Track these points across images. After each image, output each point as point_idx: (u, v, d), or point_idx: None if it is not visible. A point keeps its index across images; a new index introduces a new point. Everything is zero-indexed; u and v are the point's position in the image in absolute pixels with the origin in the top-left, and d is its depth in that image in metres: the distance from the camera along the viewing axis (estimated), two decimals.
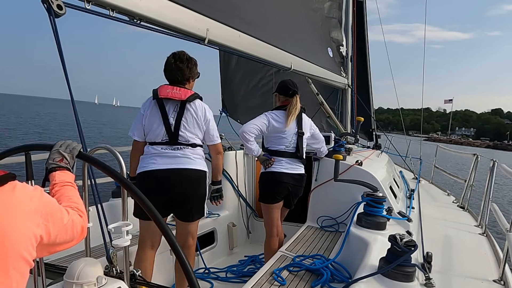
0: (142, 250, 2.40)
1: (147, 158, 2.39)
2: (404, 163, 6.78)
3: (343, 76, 5.45)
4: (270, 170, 3.07)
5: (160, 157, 2.36)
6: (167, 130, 2.37)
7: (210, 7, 2.54)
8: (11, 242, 0.79)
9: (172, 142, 2.38)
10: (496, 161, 3.61)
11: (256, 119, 3.08)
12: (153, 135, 2.39)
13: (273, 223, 3.12)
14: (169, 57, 2.45)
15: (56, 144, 1.33)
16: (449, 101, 62.17)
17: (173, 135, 2.37)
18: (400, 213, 3.04)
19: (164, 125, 2.37)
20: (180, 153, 2.38)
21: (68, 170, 1.27)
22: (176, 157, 2.37)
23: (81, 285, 1.27)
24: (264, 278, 2.26)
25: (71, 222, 1.00)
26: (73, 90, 1.53)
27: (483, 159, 4.71)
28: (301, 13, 4.29)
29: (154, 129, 2.39)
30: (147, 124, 2.41)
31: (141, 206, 1.20)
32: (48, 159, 1.28)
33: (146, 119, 2.41)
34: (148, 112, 2.41)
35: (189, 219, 2.48)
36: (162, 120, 2.37)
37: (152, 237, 2.39)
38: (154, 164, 2.35)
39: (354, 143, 4.94)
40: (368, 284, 1.79)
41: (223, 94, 6.24)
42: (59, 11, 1.52)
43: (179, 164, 2.37)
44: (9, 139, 20.66)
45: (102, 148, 1.78)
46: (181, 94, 2.37)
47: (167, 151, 2.37)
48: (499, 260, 2.63)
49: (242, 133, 3.02)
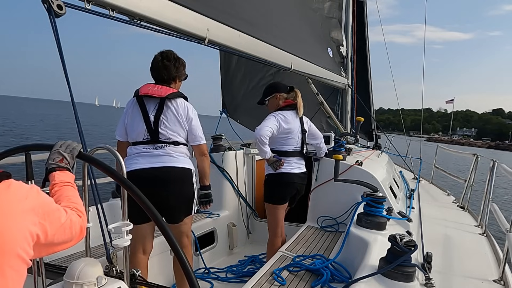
0: (133, 255, 2.32)
1: (129, 159, 2.33)
2: (404, 163, 6.78)
3: (343, 76, 5.46)
4: (280, 172, 3.06)
5: (141, 156, 2.31)
6: (147, 128, 2.32)
7: (210, 7, 2.54)
8: (6, 240, 0.79)
9: (153, 141, 2.33)
10: (496, 161, 3.61)
11: (268, 122, 3.03)
12: (135, 134, 2.35)
13: (278, 223, 3.14)
14: (156, 55, 2.40)
15: (56, 144, 1.33)
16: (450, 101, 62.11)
17: (153, 133, 2.33)
18: (400, 213, 3.04)
19: (145, 123, 2.32)
20: (162, 152, 2.32)
21: (68, 170, 1.27)
22: (158, 156, 2.31)
23: (81, 285, 1.27)
24: (264, 278, 2.26)
25: (70, 222, 0.99)
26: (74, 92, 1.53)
27: (483, 159, 4.71)
28: (301, 13, 4.30)
29: (135, 127, 2.35)
30: (129, 123, 2.37)
31: (142, 206, 1.20)
32: (48, 159, 1.28)
33: (128, 118, 2.38)
34: (130, 110, 2.37)
35: (176, 220, 2.40)
36: (142, 118, 2.32)
37: (143, 242, 2.34)
38: (136, 164, 2.29)
39: (354, 143, 4.95)
40: (368, 284, 1.79)
41: (224, 94, 6.24)
42: (59, 11, 1.52)
43: (162, 162, 2.30)
44: None
45: (102, 148, 1.78)
46: (161, 91, 2.32)
47: (149, 150, 2.32)
48: (499, 260, 2.63)
49: (259, 137, 2.94)
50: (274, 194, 3.12)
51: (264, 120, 3.06)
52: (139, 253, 2.35)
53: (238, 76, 6.31)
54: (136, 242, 2.31)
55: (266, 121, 3.05)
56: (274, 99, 3.23)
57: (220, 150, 4.06)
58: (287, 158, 3.09)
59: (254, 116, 6.44)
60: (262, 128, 2.97)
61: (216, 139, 4.24)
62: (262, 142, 2.96)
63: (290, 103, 3.16)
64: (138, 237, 2.31)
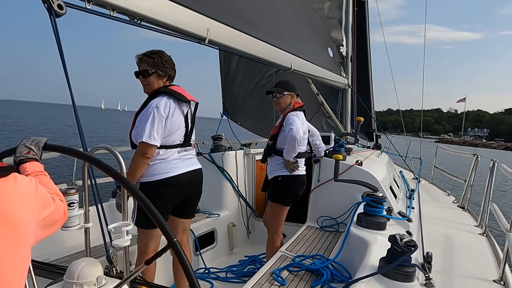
0: (146, 256, 2.32)
1: (164, 163, 2.26)
2: (404, 163, 6.78)
3: (343, 76, 5.46)
4: (296, 174, 3.05)
5: (179, 160, 2.33)
6: (185, 132, 2.36)
7: (211, 7, 2.54)
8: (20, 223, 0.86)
9: (185, 144, 2.37)
10: (496, 161, 3.61)
11: (295, 122, 2.95)
12: (172, 139, 2.30)
13: (282, 223, 3.16)
14: (165, 53, 2.35)
15: (21, 141, 1.35)
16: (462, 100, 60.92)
17: (188, 137, 2.39)
18: (400, 213, 3.04)
19: (185, 127, 2.35)
20: (191, 155, 2.43)
21: (36, 161, 1.29)
22: (190, 159, 2.41)
23: (81, 285, 1.27)
24: (264, 278, 2.26)
25: (57, 207, 1.07)
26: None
27: (483, 159, 4.71)
28: (301, 13, 4.30)
29: (174, 132, 2.30)
30: (170, 127, 2.26)
31: (142, 206, 1.20)
32: (15, 153, 1.29)
33: (169, 122, 2.24)
34: (174, 114, 2.27)
35: (192, 215, 2.58)
36: (184, 123, 2.34)
37: (156, 242, 2.37)
38: (177, 169, 2.30)
39: (354, 143, 4.95)
40: (368, 284, 1.79)
41: (224, 96, 6.24)
42: (59, 11, 1.52)
43: (193, 165, 2.41)
44: None
45: (102, 148, 1.78)
46: (190, 95, 2.38)
47: (182, 153, 2.36)
48: (499, 260, 2.63)
49: (299, 138, 2.90)
50: (286, 196, 3.07)
51: (292, 121, 2.95)
52: (151, 253, 2.36)
53: (238, 77, 6.31)
54: (150, 243, 2.34)
55: (296, 122, 2.95)
56: (291, 97, 3.14)
57: (220, 150, 4.06)
58: (300, 160, 3.11)
59: (253, 118, 6.46)
60: (299, 130, 2.92)
61: (216, 139, 4.24)
62: (301, 143, 3.00)
63: (301, 105, 3.16)
64: (153, 239, 2.34)
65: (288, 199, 3.09)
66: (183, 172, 2.32)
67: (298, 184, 3.10)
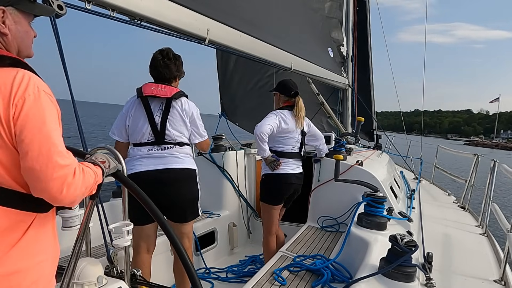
0: (138, 255, 2.34)
1: (132, 161, 2.29)
2: (405, 163, 6.77)
3: (343, 76, 5.45)
4: (278, 172, 3.04)
5: (146, 158, 2.29)
6: (152, 129, 2.30)
7: (211, 7, 2.54)
8: None
9: (158, 142, 2.31)
10: (497, 161, 3.61)
11: (269, 119, 3.01)
12: (138, 135, 2.32)
13: (273, 222, 3.14)
14: (155, 54, 2.37)
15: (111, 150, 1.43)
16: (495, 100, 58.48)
17: (159, 135, 2.31)
18: (401, 213, 3.04)
19: (150, 124, 2.29)
20: (167, 153, 2.31)
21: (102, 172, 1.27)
22: (164, 157, 2.30)
23: (81, 285, 1.27)
24: (265, 278, 2.26)
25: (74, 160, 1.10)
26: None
27: (483, 159, 4.71)
28: (302, 13, 4.30)
29: (139, 128, 2.31)
30: (132, 124, 2.32)
31: (144, 206, 1.20)
32: (92, 155, 1.32)
33: (130, 119, 2.33)
34: (132, 111, 2.33)
35: (182, 220, 2.41)
36: (147, 119, 2.30)
37: (147, 241, 2.35)
38: (141, 166, 2.27)
39: (354, 143, 4.94)
40: (368, 284, 1.79)
41: (222, 96, 6.22)
42: (59, 11, 1.52)
43: (167, 164, 2.29)
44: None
45: (102, 148, 1.78)
46: (166, 91, 2.30)
47: (154, 151, 2.30)
48: (499, 260, 2.63)
49: (259, 134, 2.93)
50: (270, 195, 3.11)
51: (265, 118, 3.04)
52: (143, 252, 2.36)
53: (235, 78, 6.30)
54: (141, 242, 2.34)
55: (267, 118, 3.03)
56: (275, 96, 3.26)
57: (220, 150, 4.06)
58: (285, 159, 3.08)
59: (252, 117, 6.44)
60: (262, 125, 2.95)
61: (216, 139, 4.24)
62: (261, 139, 2.94)
63: (289, 104, 3.16)
64: (143, 237, 2.33)
65: (273, 198, 3.09)
66: (146, 170, 2.25)
67: (282, 183, 3.06)
